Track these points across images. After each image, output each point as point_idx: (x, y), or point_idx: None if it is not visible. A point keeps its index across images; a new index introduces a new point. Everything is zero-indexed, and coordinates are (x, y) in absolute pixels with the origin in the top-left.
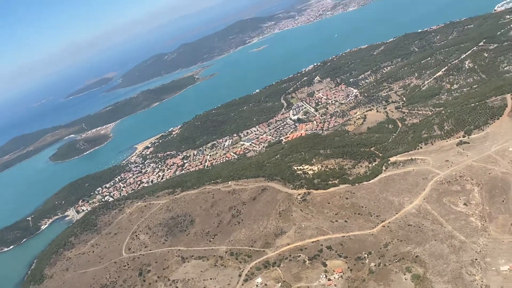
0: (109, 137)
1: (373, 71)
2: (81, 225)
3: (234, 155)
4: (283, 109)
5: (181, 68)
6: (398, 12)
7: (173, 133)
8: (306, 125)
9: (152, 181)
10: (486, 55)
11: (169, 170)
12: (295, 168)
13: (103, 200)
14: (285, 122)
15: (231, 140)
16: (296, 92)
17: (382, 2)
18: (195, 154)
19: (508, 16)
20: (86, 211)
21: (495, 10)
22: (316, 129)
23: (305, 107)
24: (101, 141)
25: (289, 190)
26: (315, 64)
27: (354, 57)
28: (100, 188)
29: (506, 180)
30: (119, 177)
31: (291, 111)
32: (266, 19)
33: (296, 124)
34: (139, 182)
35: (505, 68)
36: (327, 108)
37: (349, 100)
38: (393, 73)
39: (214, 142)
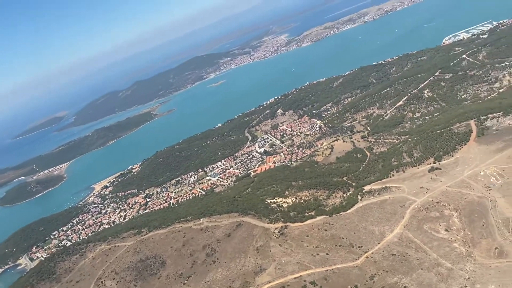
0: (64, 178)
1: (334, 102)
2: (38, 274)
3: (201, 191)
4: (248, 142)
5: (136, 105)
6: (350, 47)
7: (133, 171)
8: (274, 157)
9: (113, 222)
10: (443, 84)
11: (131, 210)
12: (269, 201)
13: (60, 244)
14: (251, 155)
15: (196, 175)
16: (260, 125)
17: (334, 38)
18: (158, 191)
19: (457, 48)
20: (42, 258)
21: (443, 43)
22: (285, 161)
23: (271, 140)
24: (55, 182)
25: (265, 224)
26: (276, 97)
27: (314, 90)
28: (56, 232)
29: (483, 204)
30: (76, 219)
31: (257, 144)
32: (222, 55)
33: (263, 156)
34: (99, 224)
35: (463, 96)
36: (293, 140)
37: (314, 131)
38: (355, 104)
39: (179, 178)
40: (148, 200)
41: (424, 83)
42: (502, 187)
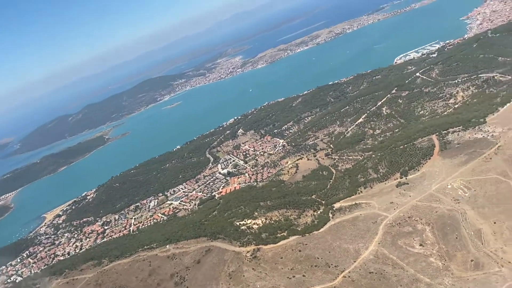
0: (10, 208)
1: (295, 121)
2: None
3: (163, 216)
4: (210, 164)
5: (88, 129)
6: (305, 68)
7: (88, 197)
8: (238, 178)
9: (69, 253)
10: (400, 101)
11: (88, 239)
12: (238, 223)
13: (9, 281)
14: (214, 177)
15: (156, 200)
16: (221, 145)
17: (288, 60)
18: (116, 218)
19: (410, 67)
20: None
21: (395, 62)
22: (250, 181)
23: (234, 160)
24: (0, 213)
25: (236, 248)
26: (235, 117)
27: (274, 109)
28: (4, 266)
29: (454, 217)
30: (27, 252)
31: (219, 165)
32: (177, 77)
33: (227, 178)
34: (52, 256)
35: (420, 112)
36: (256, 160)
37: (277, 150)
38: (316, 122)
39: (138, 204)
40: (105, 228)
41: (382, 101)
42: (470, 199)
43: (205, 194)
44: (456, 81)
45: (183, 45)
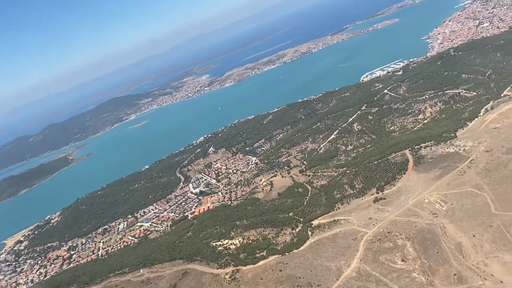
0: None
1: (267, 138)
2: None
3: (134, 238)
4: (181, 183)
5: (50, 150)
6: (273, 86)
7: (52, 221)
8: (211, 197)
9: (32, 281)
10: (370, 117)
11: (53, 265)
12: (215, 244)
13: None
14: (186, 197)
15: (126, 222)
16: (192, 164)
17: (256, 78)
18: (83, 242)
19: (377, 84)
20: None
21: (362, 80)
22: (224, 200)
23: (206, 179)
24: None
25: (214, 270)
26: (205, 136)
27: (245, 127)
28: None
29: (433, 231)
30: None
31: (191, 184)
32: (142, 96)
33: (199, 197)
34: (14, 284)
35: (391, 128)
36: (229, 178)
37: (250, 168)
38: (289, 139)
39: (106, 226)
40: (72, 253)
41: (353, 117)
42: (448, 213)
43: (177, 215)
44: (424, 97)
45: (148, 65)
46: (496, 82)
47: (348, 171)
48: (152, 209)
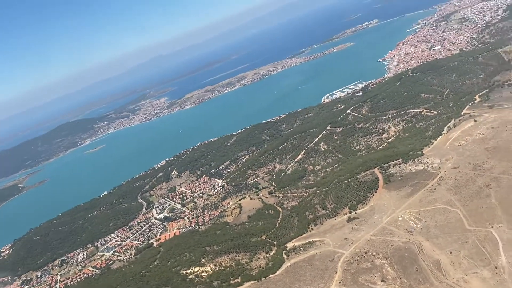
0: None
1: (232, 160)
2: None
3: (95, 269)
4: (144, 209)
5: None
6: (234, 107)
7: (2, 254)
8: (177, 222)
9: None
10: (336, 137)
11: None
12: (185, 272)
13: None
14: (150, 223)
15: (85, 252)
16: (155, 189)
17: (216, 100)
18: (39, 276)
19: (339, 105)
20: None
21: (323, 101)
22: (191, 225)
23: (170, 204)
24: None
25: None
26: (167, 159)
27: (209, 149)
28: None
29: (410, 250)
30: None
31: (154, 210)
32: (98, 120)
33: (164, 223)
34: None
35: (357, 147)
36: (195, 202)
37: (217, 191)
38: (255, 160)
39: (64, 258)
40: (26, 287)
41: (318, 137)
42: (423, 230)
43: (141, 242)
44: (386, 116)
45: (102, 88)
46: (454, 101)
47: (318, 191)
48: (114, 237)
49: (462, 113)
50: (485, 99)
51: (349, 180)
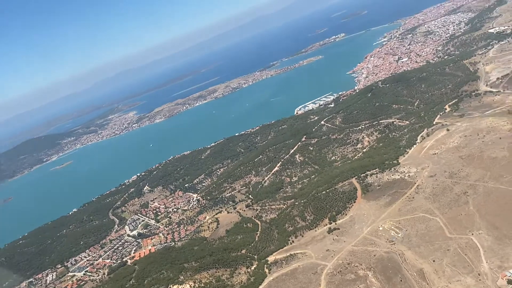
0: None
1: (207, 174)
2: None
3: None
4: (116, 226)
5: None
6: (207, 120)
7: None
8: (152, 239)
9: None
10: (311, 148)
11: None
12: None
13: None
14: (123, 240)
15: (55, 273)
16: (127, 205)
17: (188, 113)
18: None
19: (312, 116)
20: None
21: (296, 113)
22: (167, 242)
23: (143, 220)
24: None
25: None
26: (138, 174)
27: (182, 163)
28: None
29: (393, 259)
30: None
31: (127, 226)
32: (64, 135)
33: (138, 240)
34: None
35: (332, 158)
36: (170, 218)
37: (192, 205)
38: (231, 173)
39: (31, 279)
40: None
41: (294, 149)
42: (404, 240)
43: (114, 261)
44: (360, 127)
45: (67, 103)
46: (425, 111)
47: (297, 203)
48: (85, 257)
49: (434, 123)
50: (455, 108)
51: (327, 190)
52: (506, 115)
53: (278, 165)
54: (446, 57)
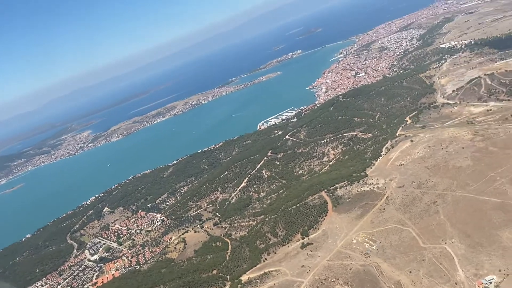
0: None
1: (170, 192)
2: None
3: None
4: (75, 251)
5: None
6: (166, 138)
7: None
8: (115, 263)
9: None
10: (278, 163)
11: None
12: None
13: None
14: (83, 266)
15: None
16: (86, 228)
17: (146, 131)
18: None
19: (276, 131)
20: None
21: (259, 128)
22: (131, 265)
23: (105, 243)
24: None
25: None
26: (97, 195)
27: (143, 182)
28: None
29: (369, 272)
30: None
31: (87, 251)
32: (14, 157)
33: (100, 265)
34: None
35: (299, 172)
36: (133, 240)
37: (156, 226)
38: (196, 191)
39: None
40: None
41: (260, 164)
42: (379, 252)
43: None
44: (325, 140)
45: (16, 124)
46: (387, 124)
47: (267, 219)
48: (42, 285)
49: (397, 134)
50: (416, 120)
51: (298, 205)
52: (466, 126)
53: (245, 181)
54: (401, 71)
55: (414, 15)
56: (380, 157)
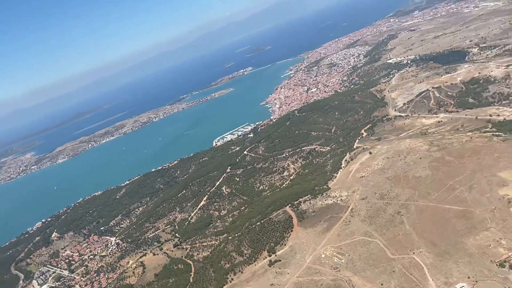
0: None
1: (124, 214)
2: None
3: None
4: (21, 282)
5: None
6: (116, 158)
7: None
8: None
9: None
10: (237, 179)
11: None
12: None
13: None
14: None
15: None
16: (32, 256)
17: (94, 151)
18: None
19: (233, 147)
20: None
21: (215, 144)
22: None
23: (55, 271)
24: None
25: None
26: (43, 220)
27: (94, 205)
28: None
29: (341, 287)
30: None
31: (35, 281)
32: None
33: None
34: None
35: (260, 188)
36: (87, 266)
37: (111, 250)
38: (152, 212)
39: None
40: None
41: (220, 181)
42: (349, 265)
43: None
44: (284, 155)
45: None
46: (343, 137)
47: (231, 237)
48: None
49: (354, 147)
50: (371, 132)
51: (262, 221)
52: (421, 137)
53: (204, 199)
54: (352, 86)
55: (359, 33)
56: (341, 170)
